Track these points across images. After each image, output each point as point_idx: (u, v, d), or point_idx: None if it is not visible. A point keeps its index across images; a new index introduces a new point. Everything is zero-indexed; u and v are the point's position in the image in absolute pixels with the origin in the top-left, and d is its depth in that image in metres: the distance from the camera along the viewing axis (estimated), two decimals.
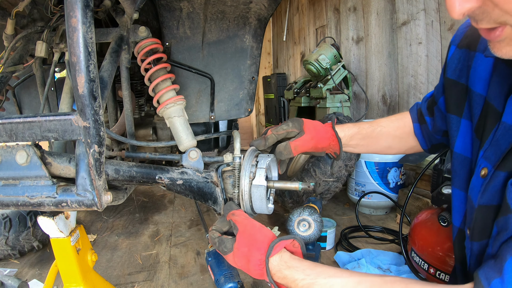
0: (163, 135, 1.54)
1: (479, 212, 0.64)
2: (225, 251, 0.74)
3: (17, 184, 0.72)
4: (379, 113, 2.93)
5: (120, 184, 0.95)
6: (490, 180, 0.62)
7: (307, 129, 0.91)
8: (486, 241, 0.63)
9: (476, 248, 0.66)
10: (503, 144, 0.61)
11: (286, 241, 0.70)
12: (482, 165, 0.65)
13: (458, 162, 0.77)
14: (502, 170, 0.59)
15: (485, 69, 0.69)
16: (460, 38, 0.78)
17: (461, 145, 0.76)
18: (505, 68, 0.64)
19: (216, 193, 0.94)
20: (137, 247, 2.00)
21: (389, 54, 2.75)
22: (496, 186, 0.60)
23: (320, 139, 0.92)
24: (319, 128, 0.94)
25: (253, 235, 0.72)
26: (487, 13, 0.47)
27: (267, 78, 5.09)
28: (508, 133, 0.60)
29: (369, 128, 0.99)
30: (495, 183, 0.60)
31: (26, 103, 1.51)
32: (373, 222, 2.22)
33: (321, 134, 0.93)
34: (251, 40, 1.33)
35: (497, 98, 0.65)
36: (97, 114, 0.63)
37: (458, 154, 0.77)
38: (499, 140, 0.62)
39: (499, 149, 0.61)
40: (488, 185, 0.62)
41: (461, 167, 0.76)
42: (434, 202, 1.44)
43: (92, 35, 0.59)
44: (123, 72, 1.12)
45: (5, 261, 1.84)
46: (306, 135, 0.89)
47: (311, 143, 0.90)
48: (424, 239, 1.31)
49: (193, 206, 2.70)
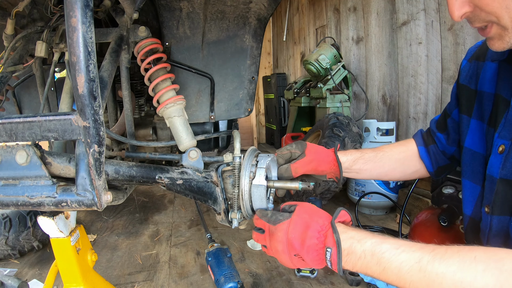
0: (163, 135, 1.54)
1: (500, 184, 0.70)
2: (280, 219, 0.70)
3: (17, 184, 0.72)
4: (379, 113, 2.93)
5: (120, 184, 0.95)
6: (508, 153, 0.69)
7: (308, 152, 0.94)
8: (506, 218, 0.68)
9: (496, 223, 0.71)
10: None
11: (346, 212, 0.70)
12: (499, 144, 0.72)
13: (467, 155, 0.85)
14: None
15: (492, 72, 0.81)
16: (470, 56, 0.90)
17: (471, 141, 0.85)
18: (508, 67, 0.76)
19: (216, 193, 0.94)
20: (137, 247, 2.00)
21: (389, 54, 2.75)
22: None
23: (321, 162, 0.96)
24: (320, 151, 0.98)
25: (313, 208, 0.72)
26: (477, 16, 0.63)
27: (267, 78, 5.09)
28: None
29: (372, 152, 1.02)
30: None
31: (26, 103, 1.51)
32: (373, 222, 2.22)
33: (322, 157, 0.96)
34: (251, 40, 1.33)
35: (505, 90, 0.75)
36: (97, 114, 0.63)
37: (468, 149, 0.85)
38: (511, 120, 0.71)
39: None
40: (508, 157, 0.69)
41: (471, 160, 0.84)
42: (434, 202, 1.44)
43: (92, 35, 0.59)
44: (123, 72, 1.12)
45: (5, 261, 1.84)
46: (306, 157, 0.93)
47: (311, 166, 0.94)
48: (424, 239, 1.31)
49: (193, 206, 2.70)
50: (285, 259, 0.70)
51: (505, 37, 0.64)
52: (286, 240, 0.67)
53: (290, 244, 0.67)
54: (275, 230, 0.70)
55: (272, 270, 1.68)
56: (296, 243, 0.66)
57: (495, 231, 0.71)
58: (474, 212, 0.82)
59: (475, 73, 0.86)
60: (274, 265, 1.72)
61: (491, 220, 0.72)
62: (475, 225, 0.80)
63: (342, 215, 0.69)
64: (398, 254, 0.58)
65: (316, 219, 0.67)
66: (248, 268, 1.71)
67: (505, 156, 0.70)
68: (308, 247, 0.65)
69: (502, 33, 0.63)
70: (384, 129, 2.34)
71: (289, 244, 0.67)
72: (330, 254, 0.63)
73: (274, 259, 1.78)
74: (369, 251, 0.60)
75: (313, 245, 0.65)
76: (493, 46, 0.67)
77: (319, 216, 0.68)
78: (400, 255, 0.57)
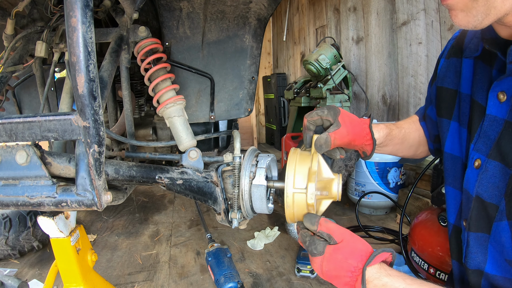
0: (163, 135, 1.54)
1: (476, 202, 0.67)
2: (314, 253, 0.69)
3: (17, 184, 0.72)
4: (379, 113, 2.93)
5: (120, 184, 0.95)
6: (485, 170, 0.65)
7: (343, 122, 0.83)
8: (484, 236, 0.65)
9: (472, 239, 0.68)
10: (491, 134, 0.66)
11: (387, 253, 0.67)
12: (475, 157, 0.69)
13: (448, 161, 0.81)
14: (496, 160, 0.63)
15: (469, 71, 0.75)
16: (448, 51, 0.84)
17: (451, 145, 0.81)
18: (483, 66, 0.71)
19: (216, 193, 0.94)
20: (137, 247, 2.00)
21: (389, 54, 2.75)
22: (492, 178, 0.64)
23: (356, 137, 0.86)
24: (356, 123, 0.87)
25: (352, 243, 0.68)
26: None
27: (267, 78, 5.09)
28: (494, 123, 0.65)
29: (396, 129, 0.96)
30: (490, 173, 0.64)
31: (26, 103, 1.51)
32: (373, 222, 2.22)
33: (357, 130, 0.86)
34: (251, 40, 1.33)
35: (480, 94, 0.70)
36: (97, 114, 0.63)
37: (448, 154, 0.81)
38: (487, 132, 0.67)
39: (489, 140, 0.66)
40: (484, 175, 0.65)
41: (452, 165, 0.80)
42: (434, 202, 1.44)
43: (92, 35, 0.59)
44: (123, 72, 1.12)
45: (5, 261, 1.84)
46: (343, 128, 0.81)
47: (347, 138, 0.83)
48: (424, 239, 1.31)
49: (193, 206, 2.70)
50: None
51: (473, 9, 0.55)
52: (321, 271, 0.70)
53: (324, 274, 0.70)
54: (311, 260, 0.72)
55: (272, 270, 1.68)
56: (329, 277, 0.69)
57: (472, 247, 0.69)
58: (457, 220, 0.79)
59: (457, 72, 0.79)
60: (274, 265, 1.72)
61: (468, 236, 0.69)
62: (458, 235, 0.77)
63: (380, 257, 0.65)
64: None
65: (349, 261, 0.66)
66: (248, 268, 1.71)
67: (481, 173, 0.66)
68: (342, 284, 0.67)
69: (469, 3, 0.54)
70: None
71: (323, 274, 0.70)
72: None
73: (274, 259, 1.78)
74: None
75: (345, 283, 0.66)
76: (456, 19, 0.57)
77: (353, 257, 0.66)
78: None
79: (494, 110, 0.66)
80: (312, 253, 0.70)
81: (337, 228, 0.71)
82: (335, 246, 0.68)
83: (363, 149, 0.91)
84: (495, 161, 0.63)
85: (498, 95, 0.65)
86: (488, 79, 0.69)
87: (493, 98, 0.66)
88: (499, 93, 0.65)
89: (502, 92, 0.64)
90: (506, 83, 0.64)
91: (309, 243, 0.71)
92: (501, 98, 0.64)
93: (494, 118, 0.65)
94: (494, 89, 0.66)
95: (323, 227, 0.71)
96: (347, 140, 0.83)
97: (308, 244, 0.72)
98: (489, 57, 0.70)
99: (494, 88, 0.66)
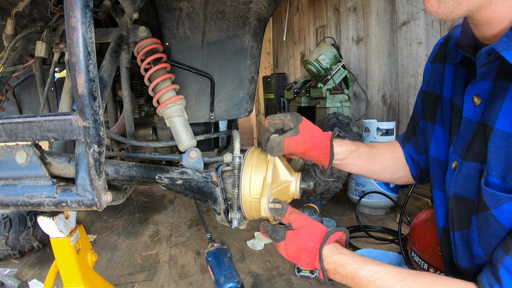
0: (163, 135, 1.54)
1: (454, 201, 0.70)
2: (277, 239, 0.77)
3: (17, 184, 0.72)
4: (379, 113, 2.93)
5: (120, 184, 0.95)
6: (459, 171, 0.68)
7: (302, 130, 0.82)
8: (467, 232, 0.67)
9: (458, 238, 0.71)
10: (466, 137, 0.68)
11: (339, 232, 0.75)
12: (453, 159, 0.71)
13: (433, 164, 0.82)
14: (468, 160, 0.66)
15: (450, 77, 0.77)
16: (433, 56, 0.85)
17: (435, 149, 0.82)
18: (462, 71, 0.73)
19: (216, 193, 0.94)
20: (137, 247, 2.00)
21: (389, 54, 2.75)
22: (466, 176, 0.66)
23: (313, 147, 0.85)
24: (316, 134, 0.86)
25: (308, 227, 0.76)
26: None
27: (267, 78, 5.09)
28: (469, 126, 0.67)
29: (366, 148, 0.95)
30: (464, 173, 0.66)
31: (26, 103, 1.51)
32: (373, 222, 2.22)
33: (316, 141, 0.85)
34: (251, 40, 1.33)
35: (458, 97, 0.73)
36: (97, 114, 0.63)
37: (433, 157, 0.82)
38: (463, 134, 0.69)
39: (464, 142, 0.68)
40: (458, 175, 0.68)
41: (437, 168, 0.81)
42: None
43: (92, 35, 0.59)
44: (123, 72, 1.12)
45: (5, 261, 1.84)
46: (300, 136, 0.81)
47: (303, 147, 0.83)
48: (424, 239, 1.31)
49: (193, 206, 2.70)
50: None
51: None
52: (286, 255, 0.78)
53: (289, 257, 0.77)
54: (276, 246, 0.80)
55: (272, 270, 1.68)
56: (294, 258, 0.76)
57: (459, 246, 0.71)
58: (445, 223, 0.79)
59: (440, 77, 0.81)
60: (274, 265, 1.72)
61: (454, 236, 0.73)
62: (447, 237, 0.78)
63: (332, 237, 0.73)
64: (373, 281, 0.64)
65: (308, 242, 0.74)
66: (248, 268, 1.71)
67: (456, 174, 0.69)
68: (303, 262, 0.75)
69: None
70: (384, 129, 2.34)
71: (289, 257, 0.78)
72: (318, 273, 0.74)
73: (274, 259, 1.78)
74: (350, 275, 0.68)
75: (307, 262, 0.74)
76: (428, 4, 0.58)
77: (311, 239, 0.74)
78: (374, 282, 0.64)
79: (470, 113, 0.68)
80: (276, 240, 0.78)
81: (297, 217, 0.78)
82: (294, 231, 0.76)
83: (321, 162, 0.91)
84: (468, 161, 0.66)
85: (473, 99, 0.66)
86: (465, 84, 0.71)
87: (469, 102, 0.68)
88: (473, 96, 0.66)
89: (476, 95, 0.66)
90: (479, 86, 0.65)
91: (271, 231, 0.79)
92: (475, 101, 0.66)
93: (469, 121, 0.67)
94: (469, 93, 0.68)
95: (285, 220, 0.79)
96: (302, 148, 0.83)
97: (270, 233, 0.79)
98: (468, 62, 0.71)
99: (469, 91, 0.68)
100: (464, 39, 0.70)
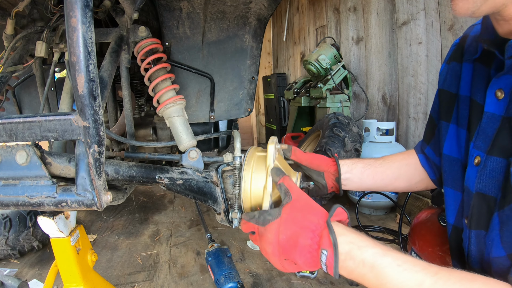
0: (163, 135, 1.54)
1: (476, 198, 0.68)
2: (269, 219, 0.63)
3: (17, 184, 0.72)
4: (379, 113, 2.93)
5: (120, 184, 0.95)
6: (484, 166, 0.66)
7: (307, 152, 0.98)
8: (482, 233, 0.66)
9: (474, 237, 0.69)
10: (489, 131, 0.67)
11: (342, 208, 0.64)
12: (475, 154, 0.70)
13: (447, 162, 0.82)
14: (494, 155, 0.64)
15: (468, 74, 0.77)
16: (449, 57, 0.87)
17: (449, 147, 0.82)
18: (482, 68, 0.73)
19: (216, 193, 0.94)
20: (137, 247, 2.00)
21: (389, 54, 2.75)
22: (491, 172, 0.65)
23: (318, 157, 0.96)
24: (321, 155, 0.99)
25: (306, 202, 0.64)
26: None
27: (267, 78, 5.09)
28: (492, 120, 0.66)
29: (371, 159, 1.00)
30: (489, 168, 0.65)
31: (26, 103, 1.51)
32: (373, 222, 2.22)
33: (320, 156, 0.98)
34: (251, 40, 1.33)
35: (478, 94, 0.72)
36: (97, 114, 0.63)
37: (446, 156, 0.82)
38: (485, 129, 0.68)
39: (487, 136, 0.67)
40: (483, 171, 0.66)
41: (450, 167, 0.81)
42: (434, 202, 1.43)
43: (92, 35, 0.59)
44: (123, 72, 1.12)
45: (5, 261, 1.84)
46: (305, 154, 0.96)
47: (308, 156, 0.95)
48: (424, 239, 1.31)
49: (193, 206, 2.70)
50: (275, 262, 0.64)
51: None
52: (277, 242, 0.61)
53: (281, 246, 0.61)
54: (264, 231, 0.63)
55: (272, 270, 1.68)
56: (288, 244, 0.60)
57: (473, 245, 0.69)
58: (456, 220, 0.79)
59: (456, 75, 0.82)
60: None
61: (470, 233, 0.70)
62: (458, 234, 0.77)
63: (338, 212, 0.62)
64: (400, 272, 0.53)
65: (310, 217, 0.61)
66: (248, 268, 1.71)
67: (480, 169, 0.67)
68: (301, 248, 0.59)
69: None
70: (384, 129, 2.34)
71: (280, 245, 0.61)
72: (326, 257, 0.57)
73: None
74: (369, 261, 0.55)
75: (307, 246, 0.59)
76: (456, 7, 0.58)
77: (313, 213, 0.62)
78: (402, 273, 0.53)
79: (492, 108, 0.67)
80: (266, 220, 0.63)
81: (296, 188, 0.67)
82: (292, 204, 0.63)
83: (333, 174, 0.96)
84: (494, 156, 0.64)
85: (496, 93, 0.66)
86: (486, 79, 0.71)
87: (491, 96, 0.67)
88: (497, 90, 0.66)
89: (500, 89, 0.65)
90: (504, 80, 0.65)
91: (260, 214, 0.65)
92: (498, 95, 0.65)
93: (492, 115, 0.66)
94: (492, 87, 0.67)
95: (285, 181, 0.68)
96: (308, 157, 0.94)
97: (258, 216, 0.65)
98: (487, 58, 0.72)
99: (492, 86, 0.67)
100: (485, 34, 0.70)
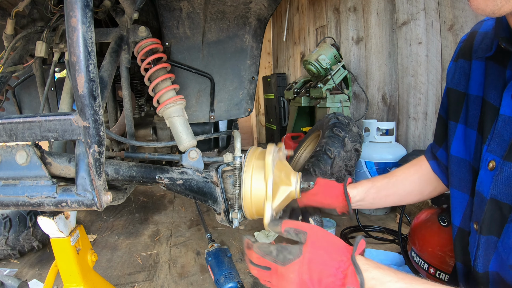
0: (163, 135, 1.54)
1: (490, 204, 0.65)
2: (289, 258, 0.59)
3: (17, 184, 0.72)
4: (379, 113, 2.93)
5: (120, 184, 0.95)
6: (500, 172, 0.63)
7: (316, 185, 0.96)
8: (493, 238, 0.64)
9: (483, 242, 0.67)
10: (506, 135, 0.64)
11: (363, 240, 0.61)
12: (489, 159, 0.67)
13: (454, 164, 0.80)
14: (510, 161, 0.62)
15: (480, 73, 0.74)
16: (456, 54, 0.84)
17: (456, 148, 0.79)
18: (496, 67, 0.69)
19: (216, 193, 0.94)
20: (137, 247, 2.00)
21: (389, 54, 2.75)
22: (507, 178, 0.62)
23: (327, 196, 0.96)
24: (330, 185, 0.98)
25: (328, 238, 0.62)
26: None
27: (267, 78, 5.09)
28: (508, 124, 0.64)
29: (384, 179, 0.98)
30: (506, 174, 0.63)
31: (26, 103, 1.51)
32: (373, 222, 2.22)
33: (329, 190, 0.97)
34: (251, 40, 1.33)
35: (493, 95, 0.69)
36: (97, 114, 0.63)
37: (454, 157, 0.80)
38: (501, 132, 0.65)
39: (504, 141, 0.64)
40: (499, 177, 0.64)
41: (458, 168, 0.79)
42: (434, 202, 1.43)
43: (92, 35, 0.59)
44: (123, 72, 1.12)
45: (5, 261, 1.84)
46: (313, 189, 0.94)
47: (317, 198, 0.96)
48: (424, 239, 1.31)
49: (193, 206, 2.70)
50: None
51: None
52: (300, 282, 0.59)
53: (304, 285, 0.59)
54: (285, 271, 0.59)
55: None
56: (311, 283, 0.58)
57: (482, 251, 0.67)
58: (462, 223, 0.77)
59: (465, 74, 0.79)
60: None
61: (479, 239, 0.68)
62: (464, 237, 0.75)
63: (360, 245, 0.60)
64: None
65: (333, 255, 0.58)
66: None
67: (496, 175, 0.64)
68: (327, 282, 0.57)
69: None
70: (384, 129, 2.34)
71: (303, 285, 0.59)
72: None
73: None
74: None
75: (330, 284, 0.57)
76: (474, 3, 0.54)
77: (336, 250, 0.59)
78: None
79: (508, 111, 0.64)
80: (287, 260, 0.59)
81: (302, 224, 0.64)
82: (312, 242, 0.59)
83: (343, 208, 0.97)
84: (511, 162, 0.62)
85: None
86: (502, 80, 0.68)
87: (508, 98, 0.64)
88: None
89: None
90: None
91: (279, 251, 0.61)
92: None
93: (509, 118, 0.64)
94: (510, 89, 0.64)
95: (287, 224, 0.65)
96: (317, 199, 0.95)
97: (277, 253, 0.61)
98: (502, 57, 0.68)
99: (510, 88, 0.64)
100: (501, 31, 0.67)
